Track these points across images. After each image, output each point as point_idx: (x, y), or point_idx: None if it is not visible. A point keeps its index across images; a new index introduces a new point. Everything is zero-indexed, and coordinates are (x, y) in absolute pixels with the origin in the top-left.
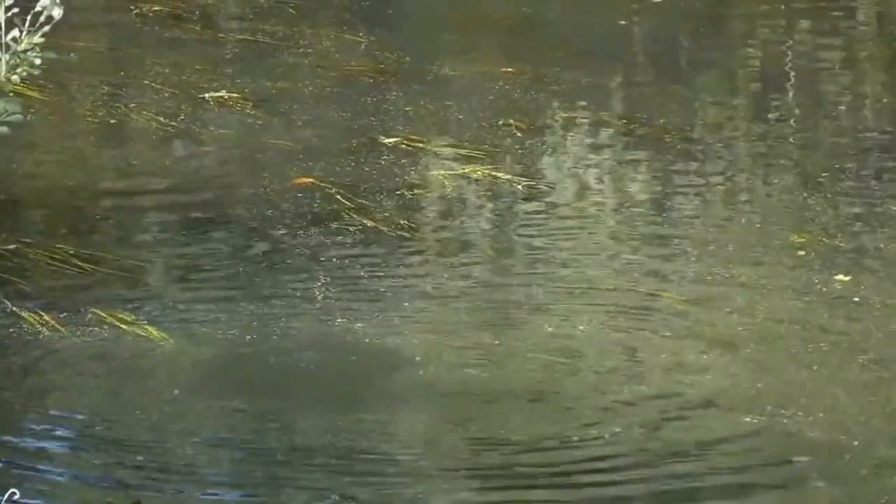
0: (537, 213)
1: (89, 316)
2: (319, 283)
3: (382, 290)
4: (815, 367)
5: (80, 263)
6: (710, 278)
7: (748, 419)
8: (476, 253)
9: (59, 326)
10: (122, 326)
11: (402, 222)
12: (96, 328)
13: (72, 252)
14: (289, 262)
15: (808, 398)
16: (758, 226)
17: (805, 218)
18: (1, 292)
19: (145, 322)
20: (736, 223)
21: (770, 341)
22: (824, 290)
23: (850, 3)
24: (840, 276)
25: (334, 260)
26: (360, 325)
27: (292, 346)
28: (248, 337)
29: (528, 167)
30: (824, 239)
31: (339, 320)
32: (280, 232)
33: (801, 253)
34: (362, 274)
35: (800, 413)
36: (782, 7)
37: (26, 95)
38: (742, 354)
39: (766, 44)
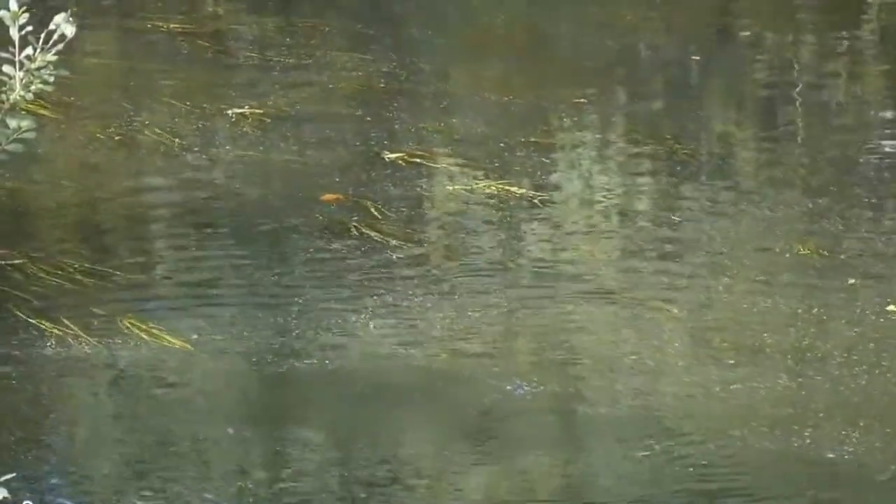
0: (552, 226)
1: (110, 327)
2: (336, 296)
3: (405, 303)
4: (865, 390)
5: (93, 277)
6: (728, 294)
7: (793, 443)
8: (491, 265)
9: (85, 338)
10: (145, 337)
11: (419, 236)
12: (119, 340)
13: (84, 266)
14: (305, 274)
15: (852, 421)
16: (769, 239)
17: (816, 230)
18: (14, 305)
19: (170, 335)
20: (748, 238)
21: (805, 359)
22: (859, 308)
23: (855, 15)
24: (891, 307)
25: (352, 273)
26: (380, 338)
27: (317, 365)
28: (273, 354)
29: (542, 182)
30: (834, 252)
31: (358, 334)
32: (295, 246)
33: (820, 265)
34: (384, 288)
35: (847, 439)
36: (787, 20)
37: (39, 113)
38: (777, 372)
39: (772, 57)
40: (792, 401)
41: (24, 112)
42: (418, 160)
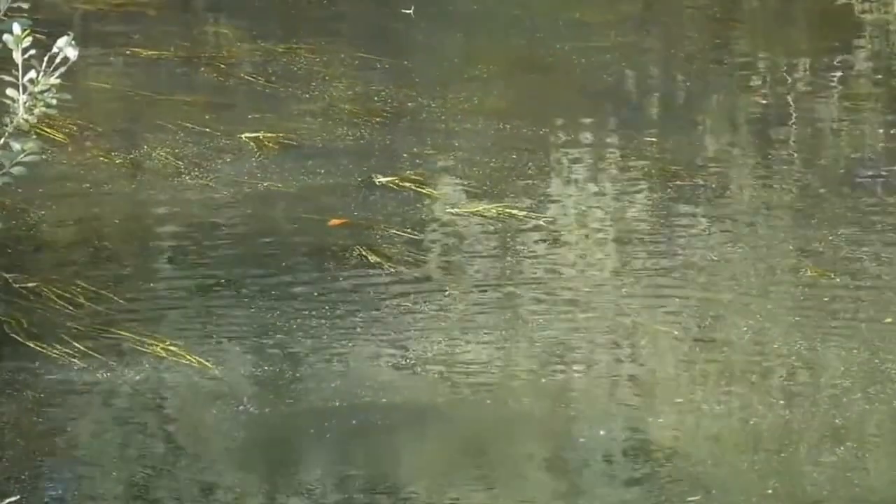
0: (553, 248)
1: (124, 348)
2: (342, 318)
3: (408, 326)
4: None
5: (105, 301)
6: (732, 316)
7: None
8: (493, 288)
9: (101, 359)
10: (163, 355)
11: (423, 260)
12: (137, 362)
13: (94, 289)
14: (310, 297)
15: (855, 453)
16: (764, 260)
17: (811, 251)
18: (27, 328)
19: (188, 355)
20: (743, 259)
21: (808, 380)
22: (854, 325)
23: (849, 40)
24: (889, 320)
25: (356, 297)
26: (383, 359)
27: (324, 384)
28: (282, 375)
29: (540, 204)
30: (831, 273)
31: (362, 357)
32: (301, 269)
33: (813, 286)
34: (388, 311)
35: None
36: (782, 45)
37: (44, 136)
38: (774, 392)
39: (766, 82)
40: (788, 430)
41: (34, 136)
42: (422, 184)
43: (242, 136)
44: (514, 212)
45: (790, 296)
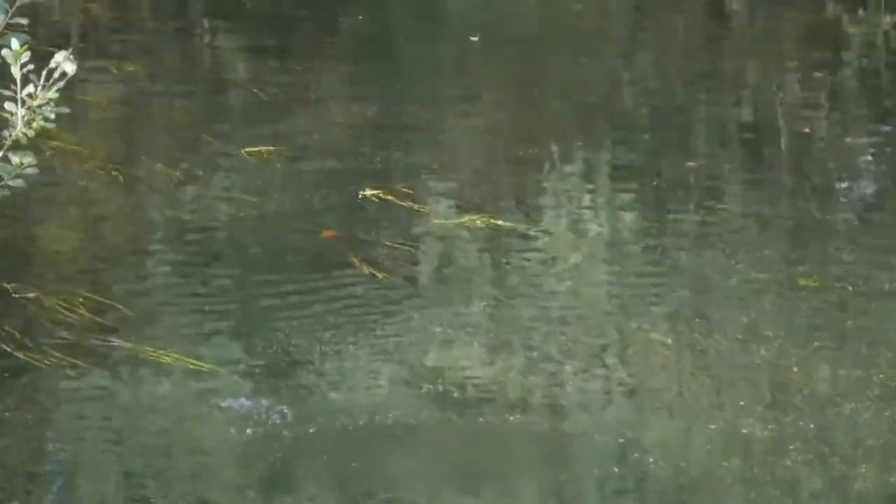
0: (541, 259)
1: (128, 358)
2: (334, 328)
3: (401, 337)
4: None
5: (103, 310)
6: (727, 328)
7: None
8: (482, 298)
9: (100, 370)
10: (164, 362)
11: (414, 271)
12: (137, 370)
13: (94, 298)
14: (304, 307)
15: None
16: (758, 274)
17: (806, 263)
18: (26, 338)
19: (188, 362)
20: (744, 270)
21: (815, 397)
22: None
23: (837, 57)
24: None
25: (349, 308)
26: (376, 370)
27: (321, 393)
28: (277, 387)
29: (528, 215)
30: (835, 284)
31: (354, 367)
32: (296, 278)
33: (808, 298)
34: (380, 322)
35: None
36: (772, 60)
37: (43, 149)
38: (778, 407)
39: (757, 96)
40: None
41: (45, 152)
42: (411, 197)
43: (243, 150)
44: (501, 222)
45: (787, 306)
